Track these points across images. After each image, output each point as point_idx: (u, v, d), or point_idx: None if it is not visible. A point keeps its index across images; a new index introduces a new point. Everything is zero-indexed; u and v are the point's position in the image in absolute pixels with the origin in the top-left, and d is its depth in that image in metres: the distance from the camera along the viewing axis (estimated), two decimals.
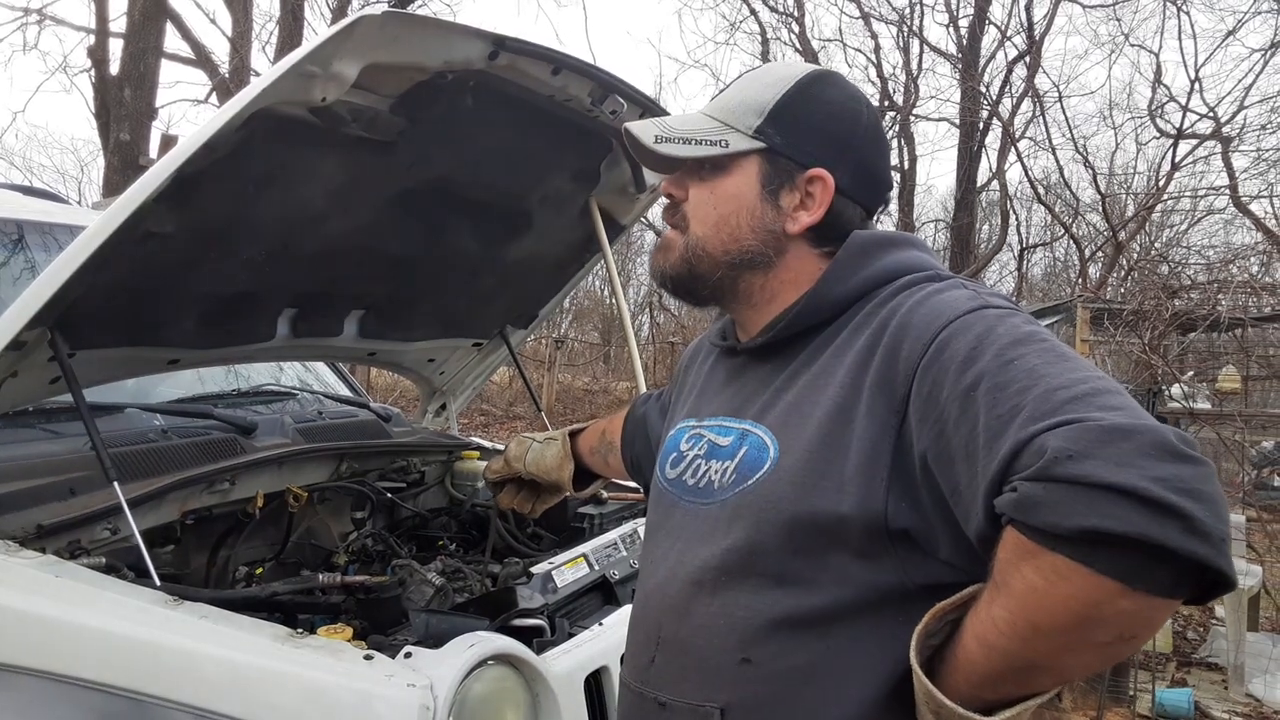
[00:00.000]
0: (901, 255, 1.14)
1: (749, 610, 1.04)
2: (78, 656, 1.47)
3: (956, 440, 0.91)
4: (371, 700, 1.36)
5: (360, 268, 2.43)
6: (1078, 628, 0.81)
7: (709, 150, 1.17)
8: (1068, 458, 0.78)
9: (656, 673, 1.13)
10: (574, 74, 2.09)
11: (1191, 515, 0.75)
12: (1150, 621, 0.81)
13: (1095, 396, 0.83)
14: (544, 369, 14.83)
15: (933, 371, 0.96)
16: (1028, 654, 0.85)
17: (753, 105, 1.18)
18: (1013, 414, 0.85)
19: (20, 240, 2.53)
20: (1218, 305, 6.70)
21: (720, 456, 1.14)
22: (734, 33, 16.05)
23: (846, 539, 1.00)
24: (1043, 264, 22.38)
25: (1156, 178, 14.27)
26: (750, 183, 1.17)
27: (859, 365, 1.04)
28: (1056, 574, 0.79)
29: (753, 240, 1.17)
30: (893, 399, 0.99)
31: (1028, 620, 0.83)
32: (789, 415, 1.08)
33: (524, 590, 1.96)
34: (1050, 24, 13.69)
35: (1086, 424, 0.80)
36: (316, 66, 1.70)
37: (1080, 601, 0.79)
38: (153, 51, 9.35)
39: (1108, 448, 0.78)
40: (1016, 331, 0.94)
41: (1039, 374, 0.87)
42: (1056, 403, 0.83)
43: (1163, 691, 4.44)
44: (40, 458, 1.99)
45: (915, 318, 1.02)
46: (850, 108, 1.20)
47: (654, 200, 2.79)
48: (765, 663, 1.03)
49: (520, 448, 1.88)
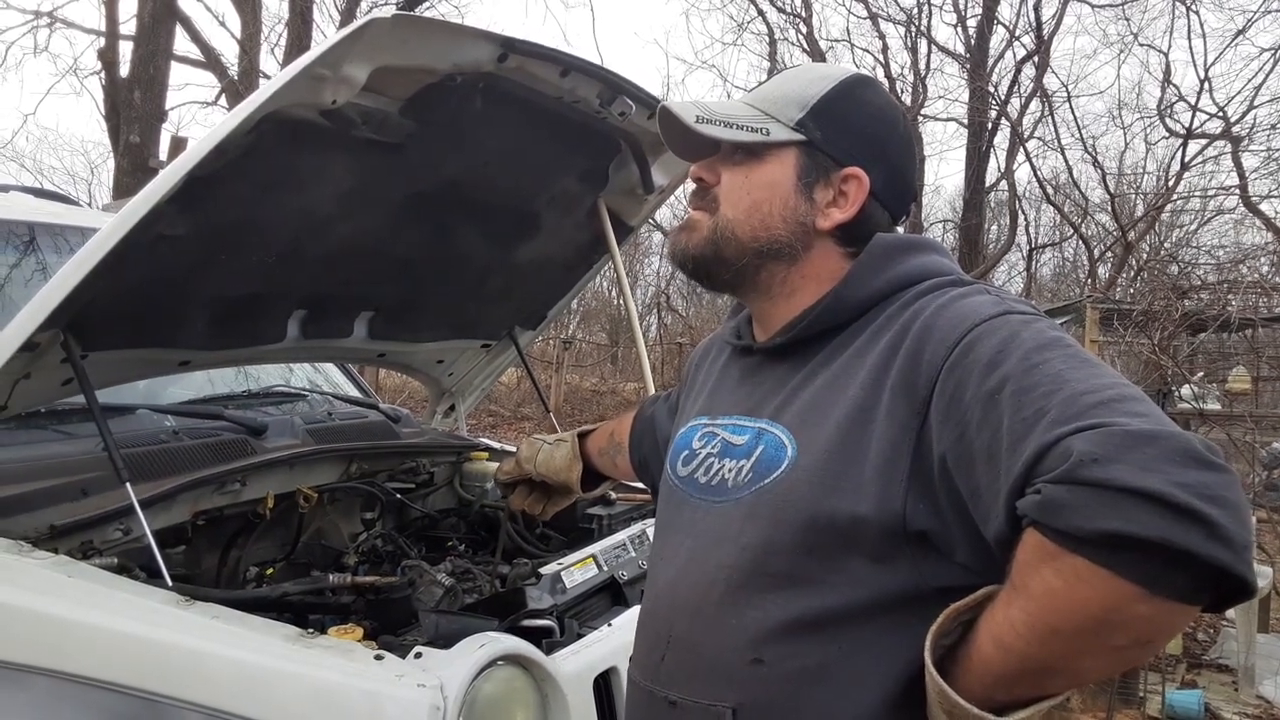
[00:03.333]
0: (924, 259, 1.14)
1: (761, 610, 1.04)
2: (90, 656, 1.48)
3: (979, 442, 0.91)
4: (382, 700, 1.36)
5: (370, 269, 2.44)
6: (1095, 631, 0.81)
7: (750, 136, 1.17)
8: (1093, 461, 0.78)
9: (667, 671, 1.13)
10: (582, 75, 2.09)
11: (1215, 521, 0.75)
12: (1167, 627, 0.82)
13: (1121, 402, 0.84)
14: (552, 370, 14.85)
15: (956, 374, 0.96)
16: (1043, 656, 0.85)
17: (795, 99, 1.18)
18: (1038, 417, 0.85)
19: (32, 242, 2.54)
20: (1228, 306, 6.66)
21: (735, 455, 1.14)
22: (741, 33, 16.05)
23: (862, 540, 1.00)
24: (1051, 264, 22.32)
25: (1166, 177, 14.23)
26: (787, 173, 1.17)
27: (880, 367, 1.04)
28: (1077, 577, 0.79)
29: (783, 230, 1.17)
30: (914, 401, 0.99)
31: (1045, 622, 0.83)
32: (808, 414, 1.09)
33: (533, 591, 1.96)
34: (1059, 23, 13.68)
35: (1112, 429, 0.80)
36: (327, 69, 1.71)
37: (1099, 605, 0.79)
38: (162, 54, 9.38)
39: (1133, 452, 0.78)
40: (1042, 336, 0.95)
41: (1064, 379, 0.87)
42: (1082, 407, 0.83)
43: (1173, 693, 4.42)
44: (53, 458, 2.01)
45: (939, 321, 1.02)
46: (889, 114, 1.22)
47: (662, 201, 2.79)
48: (777, 663, 1.03)
49: (531, 449, 1.89)
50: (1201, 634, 5.79)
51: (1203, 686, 4.75)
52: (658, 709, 1.13)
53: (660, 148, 2.50)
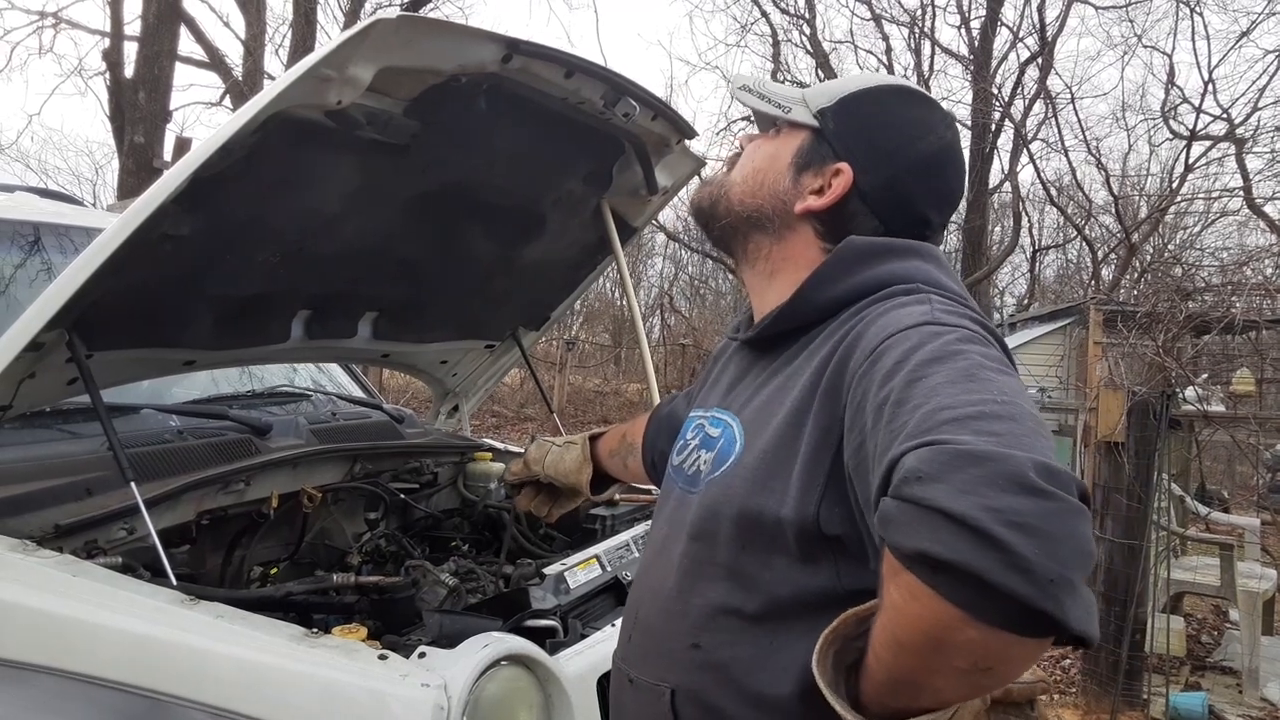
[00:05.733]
0: (896, 265, 1.13)
1: (703, 598, 1.09)
2: (95, 655, 1.48)
3: (865, 452, 0.92)
4: (386, 700, 1.36)
5: (374, 270, 2.45)
6: (932, 650, 0.79)
7: (769, 109, 1.26)
8: (916, 479, 0.77)
9: (632, 650, 1.20)
10: (587, 77, 2.09)
11: (1013, 550, 0.71)
12: (1006, 656, 0.77)
13: (978, 420, 0.81)
14: (555, 370, 14.86)
15: (864, 382, 0.96)
16: (899, 669, 0.84)
17: (834, 91, 1.25)
18: (899, 431, 0.84)
19: (37, 242, 2.55)
20: (1232, 308, 6.65)
21: (709, 446, 1.18)
22: (745, 35, 16.06)
23: (785, 541, 1.02)
24: (1055, 266, 22.31)
25: (1170, 179, 14.22)
26: (788, 151, 1.24)
27: (818, 372, 1.06)
28: (911, 594, 0.78)
29: (767, 202, 1.23)
30: (836, 408, 1.01)
31: (892, 635, 0.82)
32: (759, 413, 1.12)
33: (537, 591, 1.96)
34: (1063, 25, 13.69)
35: (944, 446, 0.78)
36: (332, 70, 1.71)
37: (929, 623, 0.77)
38: (167, 55, 9.41)
39: (956, 473, 0.76)
40: (942, 349, 0.93)
41: (935, 394, 0.86)
42: (934, 423, 0.82)
43: (1177, 696, 4.42)
44: (58, 458, 2.01)
45: (869, 330, 1.02)
46: (911, 131, 1.21)
47: (666, 202, 2.79)
48: (712, 650, 1.07)
49: (540, 451, 1.89)
50: (1205, 636, 5.78)
51: (1207, 689, 4.74)
52: (622, 686, 1.20)
53: (663, 149, 2.50)
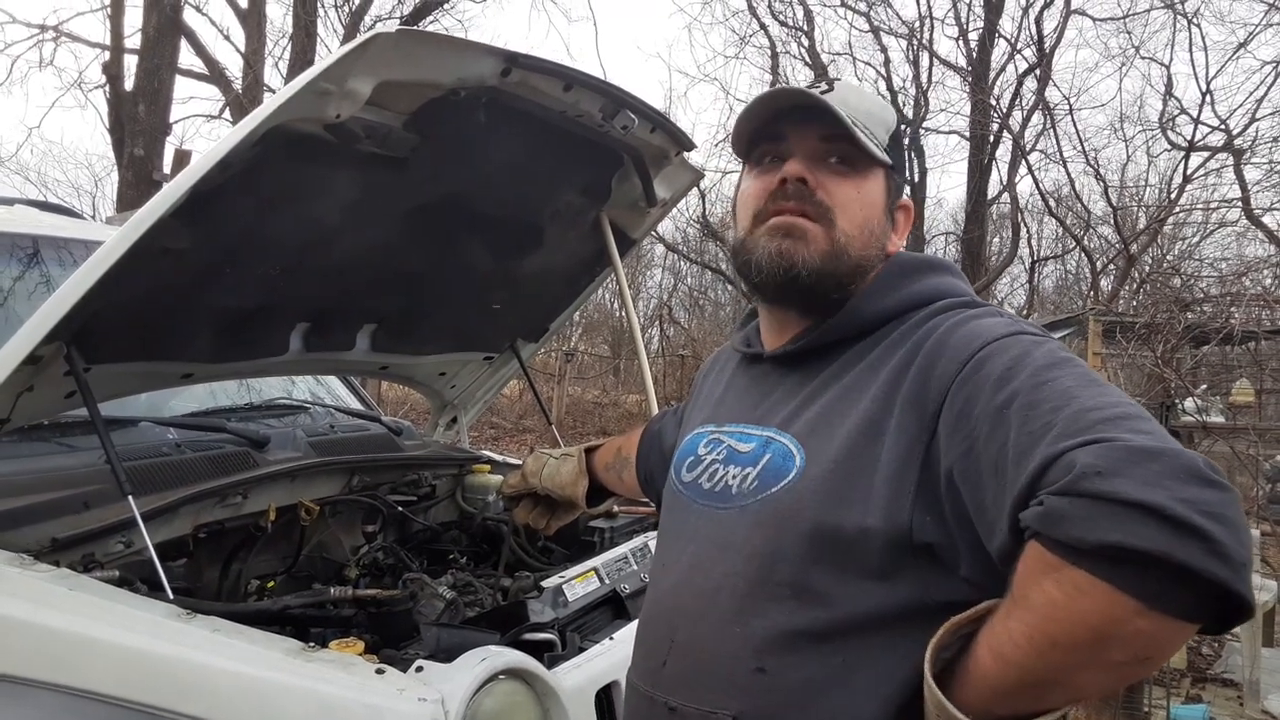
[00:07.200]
0: (939, 280, 1.17)
1: (766, 619, 1.05)
2: (91, 669, 1.48)
3: (986, 456, 0.92)
4: (383, 714, 1.36)
5: (373, 282, 2.45)
6: (1094, 645, 0.81)
7: (873, 149, 1.13)
8: (1096, 474, 0.79)
9: (668, 677, 1.13)
10: (585, 90, 2.10)
11: (1215, 538, 0.75)
12: (1166, 644, 0.82)
13: (1126, 420, 0.85)
14: (554, 382, 14.85)
15: (966, 389, 0.97)
16: (1041, 669, 0.85)
17: (880, 120, 1.17)
18: (1044, 431, 0.86)
19: (36, 255, 2.55)
20: (1231, 318, 6.66)
21: (740, 462, 1.15)
22: (744, 47, 16.00)
23: (868, 553, 1.00)
24: (1054, 277, 22.28)
25: (1168, 190, 14.22)
26: (879, 193, 1.18)
27: (893, 381, 1.05)
28: (1077, 589, 0.80)
29: (875, 252, 1.17)
30: (924, 415, 1.01)
31: (1044, 634, 0.83)
32: (817, 425, 1.09)
33: (535, 604, 1.96)
34: (1060, 37, 13.68)
35: (1116, 443, 0.81)
36: (331, 84, 1.72)
37: (1099, 617, 0.79)
38: (167, 68, 9.42)
39: (1136, 467, 0.79)
40: (1052, 356, 0.97)
41: (1072, 395, 0.89)
42: (1088, 422, 0.85)
43: (1177, 708, 4.40)
44: (55, 471, 2.01)
45: (952, 338, 1.04)
46: None
47: (664, 214, 2.80)
48: (779, 673, 1.03)
49: (536, 464, 1.89)
50: (1206, 648, 5.77)
51: (1208, 701, 4.73)
52: (657, 714, 1.12)
53: (662, 161, 2.51)
